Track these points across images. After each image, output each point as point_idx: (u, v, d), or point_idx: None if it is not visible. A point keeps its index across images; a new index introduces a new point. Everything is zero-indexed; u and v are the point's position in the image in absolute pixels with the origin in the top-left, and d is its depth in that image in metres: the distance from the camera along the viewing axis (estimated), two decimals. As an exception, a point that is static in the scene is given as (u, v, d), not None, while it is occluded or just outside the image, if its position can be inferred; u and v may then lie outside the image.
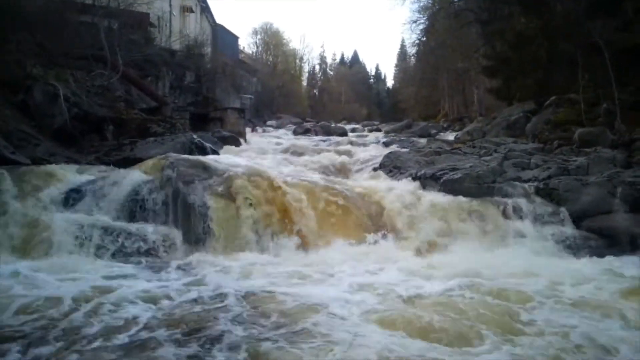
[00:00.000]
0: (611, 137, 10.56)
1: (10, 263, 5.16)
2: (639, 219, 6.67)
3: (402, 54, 64.85)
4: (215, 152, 10.59)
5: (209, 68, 24.27)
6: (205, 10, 35.22)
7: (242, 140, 15.29)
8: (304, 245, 6.44)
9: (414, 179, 8.65)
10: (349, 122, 35.42)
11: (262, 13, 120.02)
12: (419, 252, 6.45)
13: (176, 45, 23.04)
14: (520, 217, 7.03)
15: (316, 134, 21.88)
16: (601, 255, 6.21)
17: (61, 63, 11.28)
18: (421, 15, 33.56)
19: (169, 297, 4.33)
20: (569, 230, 6.77)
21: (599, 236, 6.64)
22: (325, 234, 6.68)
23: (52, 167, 7.28)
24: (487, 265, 5.52)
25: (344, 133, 22.79)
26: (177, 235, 6.30)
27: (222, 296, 4.36)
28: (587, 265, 5.83)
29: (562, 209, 7.06)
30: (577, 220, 6.91)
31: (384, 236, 6.78)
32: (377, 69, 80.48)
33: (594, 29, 11.86)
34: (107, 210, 6.38)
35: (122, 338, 3.43)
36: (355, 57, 76.95)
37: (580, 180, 7.51)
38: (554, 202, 7.28)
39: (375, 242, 6.65)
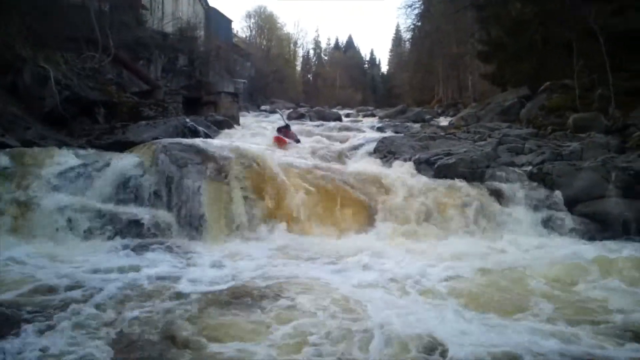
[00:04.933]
0: (605, 122, 10.57)
1: (3, 244, 5.13)
2: (631, 203, 6.70)
3: (397, 39, 64.44)
4: (209, 136, 10.50)
5: (202, 51, 23.93)
6: (198, -8, 34.70)
7: (235, 124, 15.18)
8: (295, 231, 6.43)
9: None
10: (343, 108, 35.20)
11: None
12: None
13: (168, 28, 22.72)
14: (513, 202, 7.05)
15: (310, 119, 21.76)
16: (593, 239, 6.27)
17: (51, 45, 11.07)
18: (417, 0, 33.31)
19: (155, 279, 4.39)
20: (562, 214, 6.80)
21: (592, 221, 6.68)
22: (317, 220, 6.67)
23: (43, 150, 7.20)
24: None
25: (338, 118, 22.68)
26: (169, 218, 6.28)
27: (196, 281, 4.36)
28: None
29: (556, 193, 7.08)
30: (570, 204, 6.93)
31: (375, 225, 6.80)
32: (371, 54, 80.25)
33: (589, 14, 11.78)
34: (99, 194, 6.34)
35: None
36: (350, 42, 76.40)
37: (574, 165, 7.52)
38: (548, 186, 7.30)
39: (365, 232, 6.64)
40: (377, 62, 78.09)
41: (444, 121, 20.07)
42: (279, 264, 5.14)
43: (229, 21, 40.75)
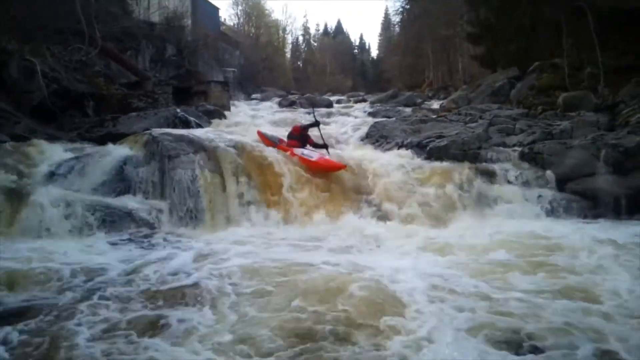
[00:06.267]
0: (595, 100, 10.63)
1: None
2: (621, 180, 6.77)
3: (386, 23, 64.00)
4: (200, 126, 10.47)
5: (190, 41, 23.68)
6: (184, -20, 34.22)
7: (226, 113, 15.12)
8: (289, 219, 6.45)
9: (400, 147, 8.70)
10: (334, 94, 35.01)
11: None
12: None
13: (155, 18, 22.46)
14: (506, 182, 7.11)
15: (301, 106, 21.68)
16: (585, 217, 6.35)
17: (37, 37, 10.92)
18: (405, -18, 33.03)
19: (146, 270, 4.33)
20: (553, 193, 6.87)
21: (583, 198, 6.75)
22: (309, 206, 6.68)
23: (34, 144, 7.15)
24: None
25: (329, 105, 22.61)
26: (163, 209, 6.27)
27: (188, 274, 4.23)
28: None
29: (547, 172, 7.15)
30: (561, 183, 7.01)
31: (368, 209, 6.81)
32: (361, 38, 79.81)
33: (578, -8, 11.79)
34: (92, 186, 6.31)
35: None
36: (339, 27, 75.80)
37: (565, 144, 7.58)
38: (539, 166, 7.36)
39: (358, 216, 6.62)
40: (367, 47, 77.68)
41: (435, 104, 20.09)
42: (269, 250, 5.13)
43: (216, 9, 40.25)
